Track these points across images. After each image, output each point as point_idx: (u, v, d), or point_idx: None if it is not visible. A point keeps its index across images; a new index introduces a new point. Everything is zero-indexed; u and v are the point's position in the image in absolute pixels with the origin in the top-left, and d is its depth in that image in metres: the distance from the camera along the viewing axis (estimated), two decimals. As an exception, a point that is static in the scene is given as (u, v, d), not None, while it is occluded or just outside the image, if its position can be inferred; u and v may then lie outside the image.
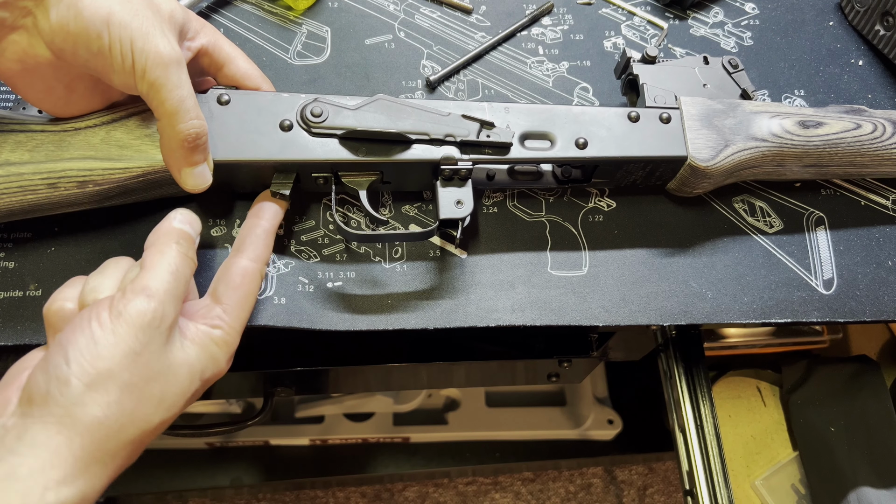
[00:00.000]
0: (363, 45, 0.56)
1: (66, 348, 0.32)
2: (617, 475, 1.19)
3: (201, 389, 0.37)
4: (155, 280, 0.35)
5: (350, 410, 1.03)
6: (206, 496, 1.09)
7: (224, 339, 0.37)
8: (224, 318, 0.38)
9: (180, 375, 0.35)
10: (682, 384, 0.58)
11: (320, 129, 0.43)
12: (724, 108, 0.48)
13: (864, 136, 0.49)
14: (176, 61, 0.37)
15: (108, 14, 0.35)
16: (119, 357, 0.32)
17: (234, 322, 0.38)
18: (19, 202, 0.40)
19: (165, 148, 0.40)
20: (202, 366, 0.36)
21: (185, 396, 0.35)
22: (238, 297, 0.39)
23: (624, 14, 0.60)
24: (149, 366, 0.33)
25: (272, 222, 0.43)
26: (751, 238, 0.52)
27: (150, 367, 0.33)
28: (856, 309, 0.50)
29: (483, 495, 1.16)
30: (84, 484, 0.31)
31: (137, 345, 0.33)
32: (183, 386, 0.35)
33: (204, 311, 0.38)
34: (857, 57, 0.60)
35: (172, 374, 0.34)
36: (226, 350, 0.38)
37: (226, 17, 0.56)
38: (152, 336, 0.33)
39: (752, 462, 0.71)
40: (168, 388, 0.34)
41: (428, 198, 0.50)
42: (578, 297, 0.48)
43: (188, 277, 0.37)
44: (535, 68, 0.57)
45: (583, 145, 0.46)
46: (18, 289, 0.44)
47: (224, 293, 0.39)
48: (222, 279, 0.39)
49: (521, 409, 1.06)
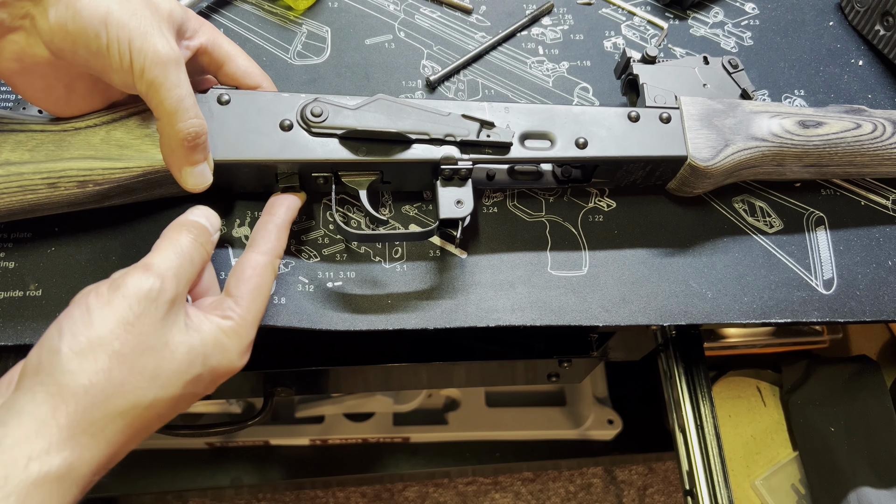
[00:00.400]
0: (363, 45, 0.56)
1: (61, 321, 0.32)
2: (617, 475, 1.19)
3: (208, 378, 0.36)
4: (157, 258, 0.35)
5: (350, 410, 1.03)
6: (206, 496, 1.09)
7: (234, 329, 0.37)
8: (235, 308, 0.37)
9: (178, 354, 0.34)
10: (682, 384, 0.58)
11: (320, 129, 0.43)
12: (724, 107, 0.48)
13: (864, 135, 0.49)
14: (174, 60, 0.37)
15: (106, 14, 0.35)
16: (111, 325, 0.32)
17: (246, 314, 0.38)
18: (19, 202, 0.40)
19: (165, 147, 0.40)
20: (206, 351, 0.35)
21: (184, 378, 0.34)
22: (249, 289, 0.38)
23: (624, 14, 0.60)
24: (142, 338, 0.33)
25: (285, 217, 0.43)
26: (751, 238, 0.52)
27: (143, 339, 0.33)
28: (856, 309, 0.50)
29: (483, 495, 1.16)
30: (71, 454, 0.30)
31: (131, 315, 0.32)
32: (180, 366, 0.34)
33: (215, 303, 0.38)
34: (857, 57, 0.60)
35: (169, 351, 0.33)
36: (237, 341, 0.37)
37: (226, 17, 0.56)
38: (147, 308, 0.33)
39: (752, 462, 0.71)
40: (163, 364, 0.33)
41: (428, 198, 0.50)
42: (578, 297, 0.48)
43: (198, 262, 0.37)
44: (535, 68, 0.57)
45: (583, 145, 0.46)
46: (18, 289, 0.44)
47: (235, 286, 0.39)
48: (234, 273, 0.39)
49: (521, 409, 1.06)
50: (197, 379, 0.35)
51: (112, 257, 0.45)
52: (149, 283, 0.33)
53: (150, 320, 0.33)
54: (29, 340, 0.43)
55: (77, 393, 0.31)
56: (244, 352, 0.38)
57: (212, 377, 0.36)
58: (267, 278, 0.40)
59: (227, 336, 0.36)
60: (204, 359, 0.35)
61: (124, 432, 0.32)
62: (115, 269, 0.44)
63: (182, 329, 0.34)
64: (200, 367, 0.35)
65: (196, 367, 0.35)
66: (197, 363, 0.35)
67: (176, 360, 0.34)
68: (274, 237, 0.41)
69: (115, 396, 0.32)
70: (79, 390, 0.31)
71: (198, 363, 0.35)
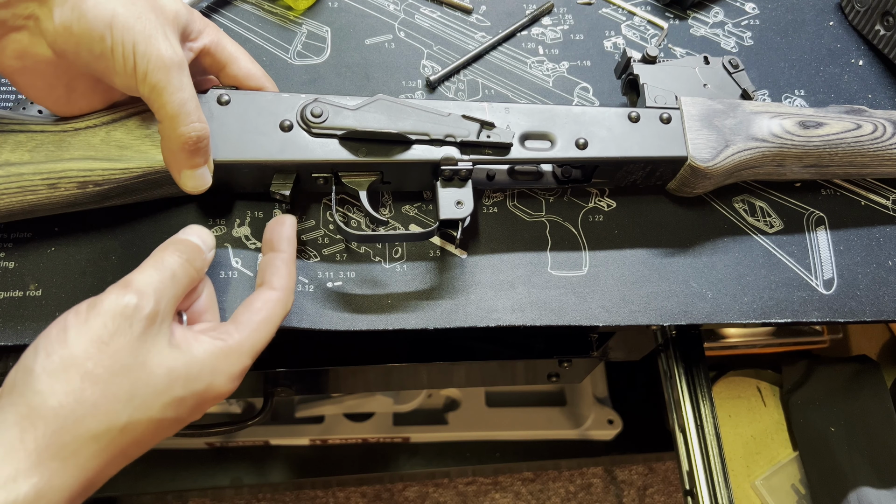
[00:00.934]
0: (363, 45, 0.56)
1: (38, 340, 0.32)
2: (617, 475, 1.19)
3: (192, 402, 0.34)
4: (137, 275, 0.34)
5: (350, 410, 1.03)
6: (206, 496, 1.09)
7: (226, 352, 0.35)
8: (233, 333, 0.36)
9: (155, 375, 0.32)
10: (682, 384, 0.58)
11: (320, 130, 0.43)
12: (724, 108, 0.48)
13: (864, 136, 0.49)
14: (178, 64, 0.37)
15: (111, 16, 0.35)
16: (84, 344, 0.31)
17: (243, 340, 0.36)
18: (19, 202, 0.40)
19: (166, 150, 0.39)
20: (190, 373, 0.33)
21: (162, 400, 0.32)
22: (254, 319, 0.37)
23: (624, 14, 0.60)
24: (117, 357, 0.31)
25: (289, 250, 0.41)
26: (751, 238, 0.52)
27: (118, 358, 0.31)
28: (856, 309, 0.50)
29: (483, 495, 1.16)
30: (39, 481, 0.29)
31: (105, 333, 0.31)
32: (157, 387, 0.32)
33: (213, 326, 0.37)
34: (858, 57, 0.60)
35: (146, 372, 0.32)
36: (226, 365, 0.35)
37: (226, 17, 0.56)
38: (122, 326, 0.32)
39: (752, 462, 0.71)
40: (138, 385, 0.32)
41: (428, 198, 0.50)
42: (578, 297, 0.48)
43: (184, 280, 0.36)
44: (535, 68, 0.57)
45: (583, 145, 0.46)
46: (18, 289, 0.44)
47: (241, 314, 0.37)
48: (243, 304, 0.38)
49: (521, 409, 1.06)
50: (178, 402, 0.33)
51: (112, 257, 0.45)
52: (125, 300, 0.32)
53: (126, 339, 0.32)
54: (29, 340, 0.43)
55: (46, 416, 0.30)
56: (234, 378, 0.36)
57: (196, 401, 0.34)
58: (277, 311, 0.38)
59: (216, 358, 0.35)
60: (186, 381, 0.33)
61: (99, 457, 0.31)
62: (115, 270, 0.45)
63: (163, 349, 0.33)
64: (182, 390, 0.33)
65: (177, 390, 0.33)
66: (178, 385, 0.33)
67: (153, 381, 0.32)
68: (285, 272, 0.40)
69: (87, 419, 0.30)
70: (48, 413, 0.30)
71: (178, 385, 0.33)
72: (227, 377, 0.35)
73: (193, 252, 0.37)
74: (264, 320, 0.38)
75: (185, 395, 0.33)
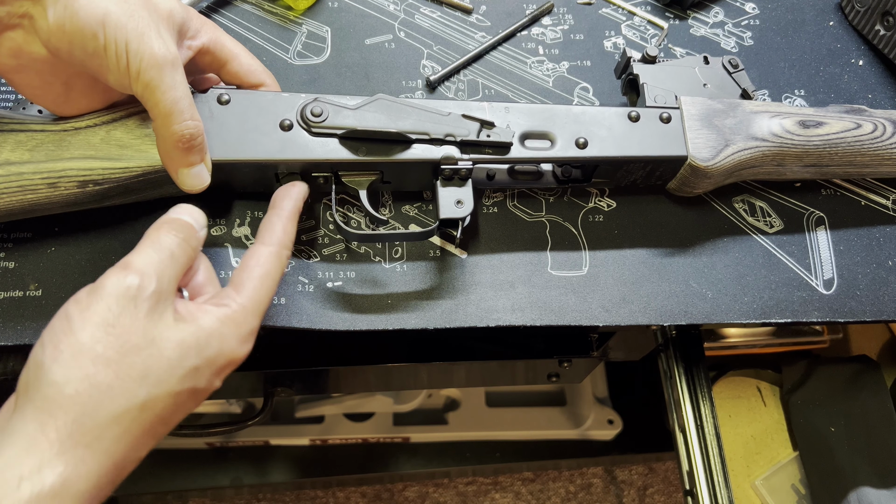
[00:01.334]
0: (363, 45, 0.56)
1: (44, 335, 0.32)
2: (617, 475, 1.19)
3: (208, 370, 0.34)
4: (135, 256, 0.34)
5: (350, 410, 1.03)
6: (206, 496, 1.09)
7: (231, 316, 0.35)
8: (234, 297, 0.36)
9: (166, 349, 0.32)
10: (682, 384, 0.58)
11: (320, 129, 0.43)
12: (724, 107, 0.48)
13: (864, 135, 0.49)
14: (170, 62, 0.37)
15: (104, 15, 0.35)
16: (91, 329, 0.31)
17: (246, 301, 0.36)
18: (19, 202, 0.40)
19: (161, 148, 0.39)
20: (199, 342, 0.33)
21: (177, 373, 0.33)
22: (251, 277, 0.37)
23: (624, 14, 0.60)
24: (126, 338, 0.31)
25: (289, 208, 0.41)
26: (751, 238, 0.52)
27: (127, 339, 0.31)
28: (856, 309, 0.50)
29: (483, 495, 1.16)
30: (65, 469, 0.29)
31: (110, 315, 0.31)
32: (171, 360, 0.32)
33: (213, 295, 0.37)
34: (858, 57, 0.60)
35: (156, 348, 0.32)
36: (234, 329, 0.35)
37: (226, 17, 0.56)
38: (126, 306, 0.32)
39: (752, 462, 0.71)
40: (151, 361, 0.32)
41: (428, 198, 0.50)
42: (578, 297, 0.48)
43: (182, 258, 0.36)
44: (535, 68, 0.57)
45: (583, 145, 0.46)
46: (18, 289, 0.44)
47: (238, 276, 0.38)
48: (238, 266, 0.38)
49: (521, 409, 1.06)
50: (193, 372, 0.33)
51: (112, 257, 0.45)
52: (127, 282, 0.32)
53: (132, 319, 0.32)
54: (29, 340, 0.43)
55: (64, 404, 0.30)
56: (244, 340, 0.36)
57: (211, 369, 0.34)
58: (272, 267, 0.38)
59: (223, 324, 0.35)
60: (198, 350, 0.33)
61: (123, 439, 0.31)
62: (115, 269, 0.45)
63: (170, 324, 0.33)
64: (196, 360, 0.33)
65: (190, 360, 0.33)
66: (190, 355, 0.33)
67: (165, 355, 0.32)
68: (279, 228, 0.40)
69: (105, 401, 0.30)
70: (66, 401, 0.30)
71: (191, 355, 0.33)
72: (238, 340, 0.35)
73: (187, 230, 0.37)
74: (262, 276, 0.38)
75: (200, 363, 0.34)
